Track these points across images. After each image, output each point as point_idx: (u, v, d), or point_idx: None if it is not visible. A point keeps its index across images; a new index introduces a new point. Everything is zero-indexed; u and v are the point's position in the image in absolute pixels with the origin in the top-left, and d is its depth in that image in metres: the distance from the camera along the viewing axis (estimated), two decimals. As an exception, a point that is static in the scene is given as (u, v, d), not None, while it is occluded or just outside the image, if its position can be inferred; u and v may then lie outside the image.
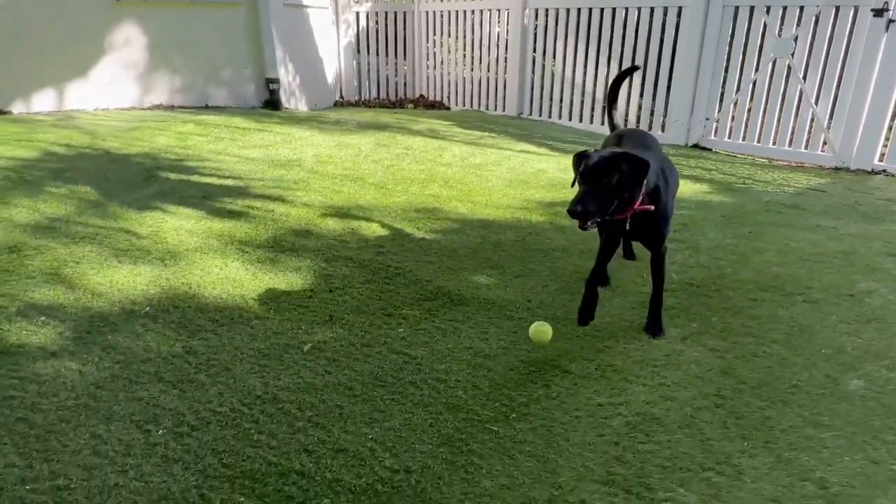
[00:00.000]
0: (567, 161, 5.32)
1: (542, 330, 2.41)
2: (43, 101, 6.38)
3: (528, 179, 4.81)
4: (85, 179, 4.12)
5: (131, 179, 4.23)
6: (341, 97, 8.94)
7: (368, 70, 9.08)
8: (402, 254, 3.33)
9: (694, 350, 2.49)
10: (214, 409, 2.08)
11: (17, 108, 6.27)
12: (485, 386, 2.25)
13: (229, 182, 4.33)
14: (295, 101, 7.77)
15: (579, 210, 2.10)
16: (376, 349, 2.46)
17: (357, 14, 8.73)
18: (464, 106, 8.69)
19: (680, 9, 6.26)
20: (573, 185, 2.34)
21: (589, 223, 2.14)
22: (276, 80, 7.36)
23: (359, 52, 8.98)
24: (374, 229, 3.64)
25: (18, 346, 2.34)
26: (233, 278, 2.97)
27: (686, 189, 4.69)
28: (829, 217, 4.10)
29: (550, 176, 4.93)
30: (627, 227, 2.33)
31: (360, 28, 8.86)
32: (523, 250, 3.47)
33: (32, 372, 2.20)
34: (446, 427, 2.04)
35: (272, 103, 7.41)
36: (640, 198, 2.24)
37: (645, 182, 2.23)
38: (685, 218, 4.03)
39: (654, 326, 2.60)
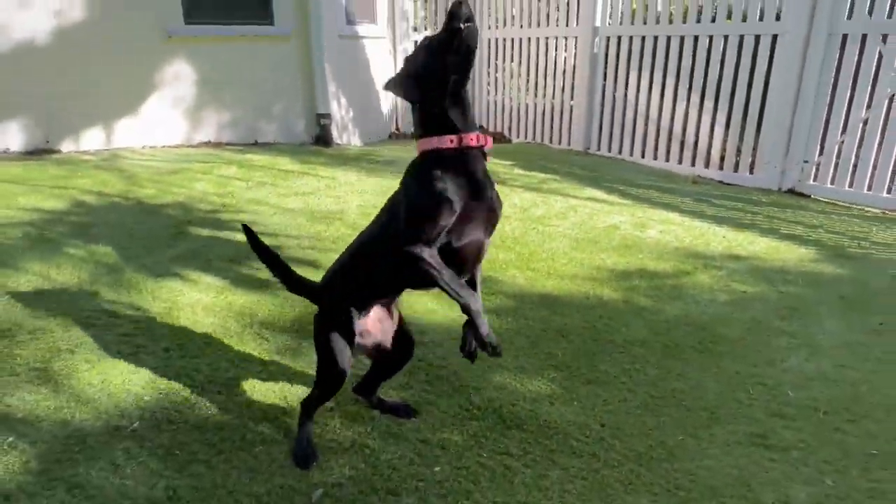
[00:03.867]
0: (643, 213, 4.67)
1: None
2: (91, 140, 6.23)
3: (597, 238, 4.19)
4: (108, 237, 3.79)
5: (158, 236, 3.87)
6: (397, 128, 8.55)
7: (426, 101, 8.65)
8: (446, 345, 2.79)
9: (834, 527, 1.82)
10: None
11: (66, 147, 6.15)
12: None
13: (263, 239, 3.90)
14: (347, 135, 7.41)
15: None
16: (405, 500, 1.92)
17: (416, 43, 8.34)
18: (525, 139, 8.13)
19: (775, 37, 5.51)
20: None
21: None
22: (328, 116, 7.01)
23: (416, 82, 8.56)
24: (415, 308, 3.12)
25: (-27, 480, 1.93)
26: (242, 378, 2.50)
27: (788, 255, 3.96)
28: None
29: (623, 234, 4.28)
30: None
31: (418, 57, 8.46)
32: (593, 342, 2.87)
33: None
34: None
35: (323, 139, 7.06)
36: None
37: None
38: (792, 299, 3.31)
39: None
